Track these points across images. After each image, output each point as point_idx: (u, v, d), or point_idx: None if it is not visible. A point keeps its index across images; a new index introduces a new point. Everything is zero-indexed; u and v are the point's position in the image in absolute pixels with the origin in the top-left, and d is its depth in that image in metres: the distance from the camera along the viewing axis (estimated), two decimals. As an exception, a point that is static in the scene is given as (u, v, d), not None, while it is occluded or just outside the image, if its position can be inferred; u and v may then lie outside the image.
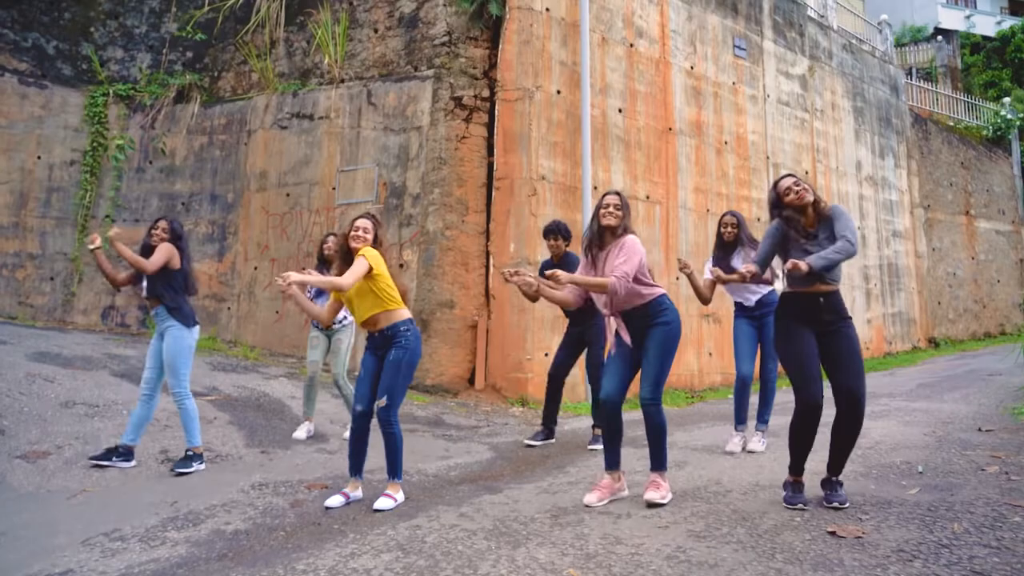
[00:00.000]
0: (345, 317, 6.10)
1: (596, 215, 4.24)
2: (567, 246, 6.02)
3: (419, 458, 5.37)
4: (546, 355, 8.00)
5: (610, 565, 3.08)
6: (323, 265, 6.24)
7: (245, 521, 3.91)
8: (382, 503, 4.11)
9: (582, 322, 5.90)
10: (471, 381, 8.47)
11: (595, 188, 8.96)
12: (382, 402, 4.13)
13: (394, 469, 4.26)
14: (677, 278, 9.77)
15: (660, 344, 4.05)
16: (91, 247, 4.98)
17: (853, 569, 2.90)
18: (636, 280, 4.06)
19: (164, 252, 5.05)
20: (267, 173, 10.28)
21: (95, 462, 4.79)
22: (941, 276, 16.58)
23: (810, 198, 3.87)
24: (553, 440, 6.17)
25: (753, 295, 5.52)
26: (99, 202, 10.77)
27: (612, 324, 4.17)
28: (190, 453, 4.98)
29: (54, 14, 11.18)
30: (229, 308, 10.20)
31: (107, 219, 10.68)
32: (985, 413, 6.36)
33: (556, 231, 5.97)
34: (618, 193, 4.30)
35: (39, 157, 10.61)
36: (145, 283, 5.12)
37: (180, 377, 4.99)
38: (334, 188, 9.61)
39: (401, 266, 8.76)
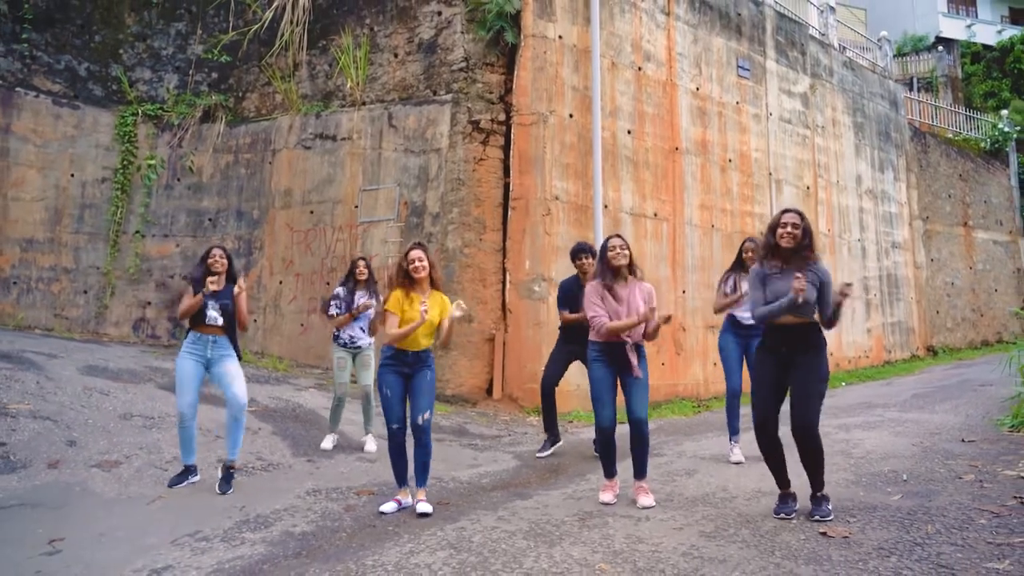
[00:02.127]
0: (364, 331, 6.54)
1: (604, 256, 4.81)
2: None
3: (451, 466, 5.88)
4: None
5: (635, 560, 3.59)
6: (354, 286, 6.63)
7: (309, 524, 4.42)
8: (425, 507, 4.59)
9: (578, 341, 5.85)
10: (489, 391, 8.98)
11: (606, 207, 9.46)
12: (426, 415, 4.66)
13: (424, 478, 4.75)
14: (684, 291, 10.27)
15: (647, 374, 4.84)
16: (237, 293, 5.31)
17: (839, 563, 3.42)
18: None
19: (246, 301, 5.43)
20: (291, 191, 10.75)
21: (175, 485, 5.10)
22: (939, 286, 17.03)
23: (791, 244, 4.13)
24: (561, 442, 6.56)
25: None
26: (129, 218, 11.27)
27: (634, 352, 4.75)
28: (231, 471, 5.20)
29: (85, 37, 11.66)
30: (255, 320, 10.68)
31: (137, 234, 11.21)
32: (971, 424, 6.80)
33: (587, 251, 6.21)
34: (620, 236, 4.92)
35: (72, 175, 11.10)
36: (217, 314, 5.26)
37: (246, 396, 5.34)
38: (356, 206, 10.09)
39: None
